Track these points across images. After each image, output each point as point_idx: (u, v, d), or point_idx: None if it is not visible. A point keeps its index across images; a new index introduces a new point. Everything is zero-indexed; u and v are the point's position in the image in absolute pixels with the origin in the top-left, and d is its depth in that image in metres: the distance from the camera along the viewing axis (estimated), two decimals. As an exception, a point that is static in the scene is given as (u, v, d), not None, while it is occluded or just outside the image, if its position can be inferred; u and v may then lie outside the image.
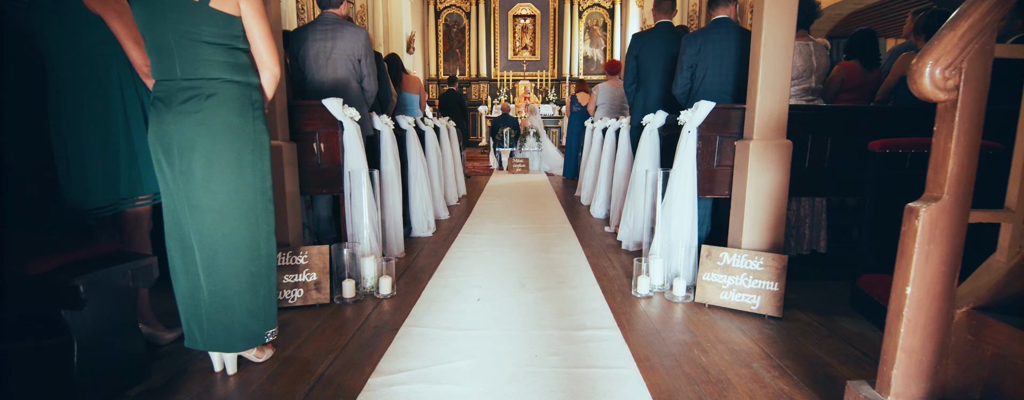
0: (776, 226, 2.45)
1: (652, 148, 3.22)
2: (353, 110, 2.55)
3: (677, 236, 2.62)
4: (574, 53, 13.29)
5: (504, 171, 8.79)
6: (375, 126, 3.10)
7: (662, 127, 3.20)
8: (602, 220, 4.50)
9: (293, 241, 2.50)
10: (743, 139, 2.49)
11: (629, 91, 3.62)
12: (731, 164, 2.60)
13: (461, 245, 3.57)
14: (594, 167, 5.17)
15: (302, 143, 2.57)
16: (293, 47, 2.83)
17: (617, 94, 5.51)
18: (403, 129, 3.75)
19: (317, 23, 2.80)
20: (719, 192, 2.65)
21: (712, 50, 2.82)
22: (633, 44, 3.48)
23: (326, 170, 2.59)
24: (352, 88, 2.85)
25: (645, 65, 3.46)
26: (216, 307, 1.62)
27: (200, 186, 1.56)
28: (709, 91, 2.87)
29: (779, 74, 2.37)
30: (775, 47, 2.35)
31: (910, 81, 1.11)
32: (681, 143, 2.58)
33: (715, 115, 2.55)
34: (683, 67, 2.91)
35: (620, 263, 3.15)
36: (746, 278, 2.36)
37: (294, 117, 2.55)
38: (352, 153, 2.57)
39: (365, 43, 2.82)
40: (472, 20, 13.22)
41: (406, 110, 4.91)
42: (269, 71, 1.71)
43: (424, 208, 3.85)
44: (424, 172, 3.83)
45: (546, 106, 12.59)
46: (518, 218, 4.57)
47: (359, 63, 2.85)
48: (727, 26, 2.83)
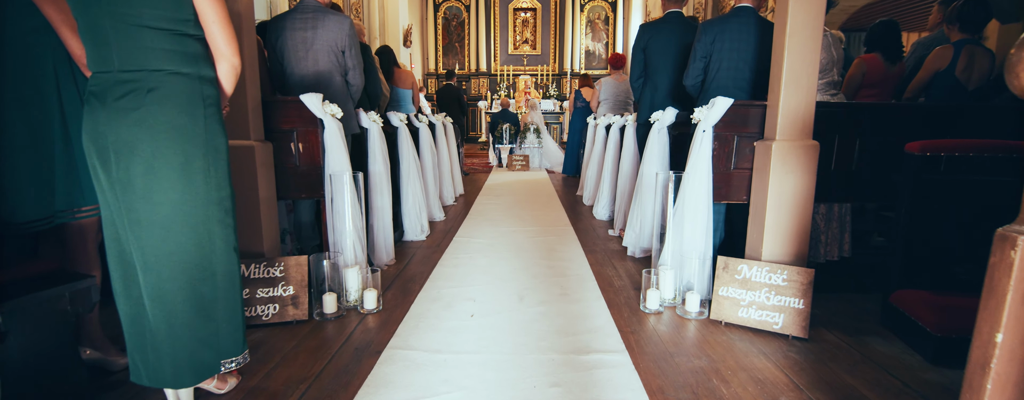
0: (800, 236, 2.22)
1: (661, 148, 2.99)
2: (334, 107, 2.32)
3: (690, 245, 2.39)
4: (575, 47, 13.03)
5: (503, 168, 8.56)
6: (362, 124, 2.87)
7: (672, 125, 2.96)
8: (606, 222, 4.27)
9: (269, 251, 2.27)
10: (764, 140, 2.26)
11: (635, 86, 3.38)
12: (750, 167, 2.37)
13: (456, 250, 3.35)
14: (597, 166, 4.93)
15: (279, 143, 2.34)
16: (271, 38, 2.59)
17: (621, 89, 5.27)
18: (394, 126, 3.52)
19: (296, 11, 2.56)
20: (736, 197, 2.42)
21: (730, 40, 2.58)
22: (641, 35, 3.24)
23: (305, 172, 2.36)
24: (336, 82, 2.62)
25: (654, 58, 3.22)
26: (161, 336, 1.39)
27: (140, 197, 1.34)
28: (723, 85, 2.63)
29: (805, 67, 2.13)
30: (802, 37, 2.11)
31: (1010, 76, 0.88)
32: (695, 143, 2.35)
33: (732, 113, 2.32)
34: (697, 56, 2.67)
35: (626, 271, 2.93)
36: (767, 294, 2.13)
37: (270, 114, 2.32)
38: (334, 154, 2.34)
39: (349, 33, 2.58)
40: (472, 13, 12.96)
41: (399, 106, 4.67)
42: (227, 62, 1.48)
43: (417, 210, 3.62)
44: (417, 172, 3.60)
45: (547, 101, 12.35)
46: (517, 220, 4.34)
47: (343, 55, 2.61)
48: (748, 16, 2.59)
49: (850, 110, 2.41)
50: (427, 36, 13.00)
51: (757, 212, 2.28)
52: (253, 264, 2.19)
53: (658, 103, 3.25)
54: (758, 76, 2.65)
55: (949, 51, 2.77)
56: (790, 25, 2.11)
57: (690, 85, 2.76)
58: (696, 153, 2.34)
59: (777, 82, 2.17)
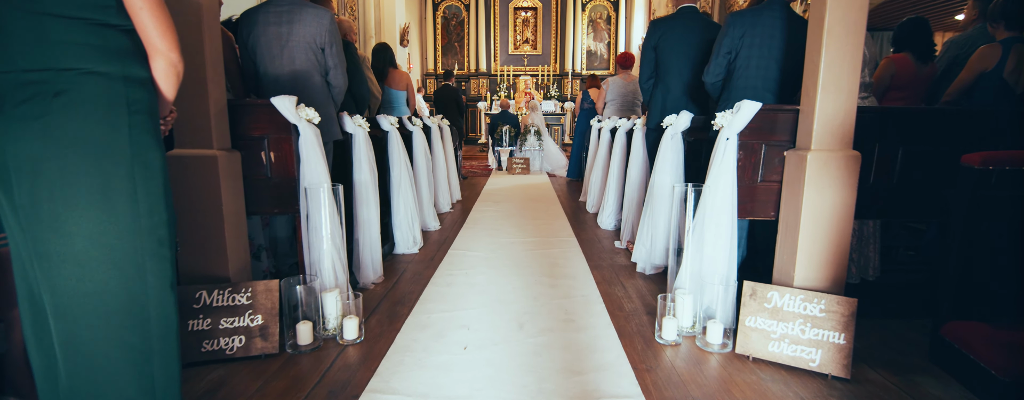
0: (838, 259, 1.96)
1: (675, 155, 2.73)
2: (311, 111, 2.05)
3: (711, 267, 2.12)
4: (577, 47, 12.79)
5: (503, 171, 8.29)
6: (345, 128, 2.61)
7: (687, 130, 2.70)
8: (611, 233, 4.01)
9: (235, 275, 2.01)
10: (796, 149, 1.99)
11: (645, 87, 3.12)
12: (779, 179, 2.10)
13: (450, 266, 3.08)
14: (601, 172, 4.67)
15: (248, 151, 2.08)
16: (242, 33, 2.33)
17: (629, 90, 5.00)
18: (385, 131, 3.25)
19: (270, 3, 2.30)
20: (762, 213, 2.15)
21: (759, 36, 2.32)
22: (652, 32, 2.97)
23: (277, 185, 2.10)
24: (314, 83, 2.35)
25: (666, 57, 2.96)
26: (78, 396, 1.13)
27: (47, 227, 1.07)
28: (749, 85, 2.37)
29: (846, 68, 1.87)
30: (842, 32, 1.85)
31: None
32: (717, 152, 2.08)
33: (760, 118, 2.05)
34: (721, 51, 2.40)
35: (636, 291, 2.66)
36: (802, 326, 1.86)
37: (237, 120, 2.05)
38: (310, 164, 2.07)
39: (329, 28, 2.32)
40: (471, 12, 12.72)
41: (392, 108, 4.41)
42: (163, 58, 1.22)
43: (409, 221, 3.36)
44: (409, 180, 3.33)
45: (548, 102, 12.09)
46: (517, 229, 4.08)
47: (322, 53, 2.35)
48: (780, 10, 2.32)
49: (891, 115, 2.14)
50: (426, 36, 12.76)
51: (788, 231, 2.01)
52: (217, 290, 1.92)
53: (670, 106, 2.99)
54: (786, 76, 2.38)
55: (996, 50, 2.51)
56: (829, 19, 1.84)
57: (711, 83, 2.50)
58: (718, 163, 2.07)
59: (813, 84, 1.91)
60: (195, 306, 1.91)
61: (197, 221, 1.94)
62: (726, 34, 2.38)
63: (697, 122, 2.70)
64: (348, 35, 3.59)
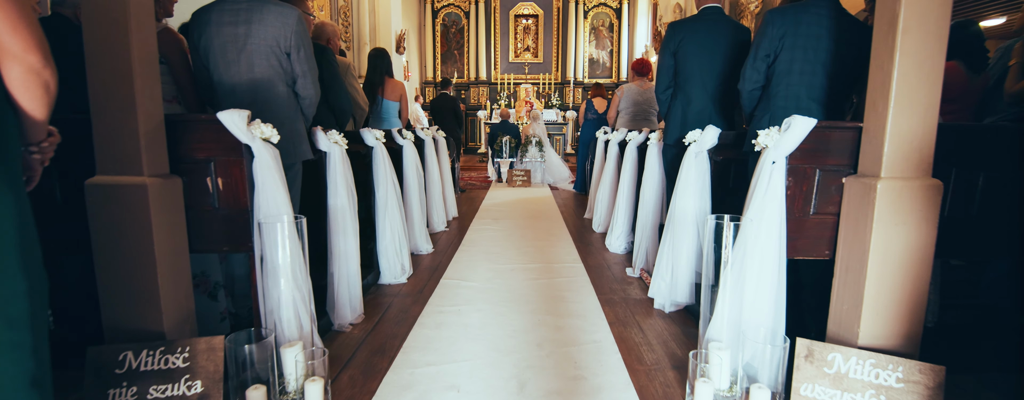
0: (914, 312, 1.58)
1: (699, 177, 2.36)
2: (267, 127, 1.69)
3: (753, 316, 1.75)
4: (579, 55, 12.50)
5: (503, 184, 7.93)
6: (319, 146, 2.25)
7: (714, 148, 2.34)
8: (622, 257, 3.64)
9: (172, 329, 1.64)
10: (859, 176, 1.63)
11: (663, 98, 2.76)
12: (835, 211, 1.73)
13: (442, 300, 2.71)
14: (609, 188, 4.30)
15: (192, 177, 1.71)
16: (193, 35, 1.97)
17: (644, 99, 4.64)
18: (369, 146, 2.89)
19: (226, 1, 1.94)
20: (814, 252, 1.78)
21: (803, 36, 1.97)
22: (671, 35, 2.62)
23: (227, 218, 1.73)
24: (278, 94, 1.99)
25: (687, 63, 2.60)
26: None
27: None
28: (791, 95, 2.02)
29: (927, 77, 1.51)
30: (921, 31, 1.49)
31: None
32: (760, 178, 1.72)
33: (813, 137, 1.69)
34: (758, 54, 2.05)
35: (657, 336, 2.28)
36: (873, 398, 1.49)
37: (179, 139, 1.69)
38: (266, 191, 1.71)
39: (296, 29, 1.97)
40: (471, 20, 12.45)
41: (383, 120, 4.06)
42: (18, 63, 0.87)
43: (396, 247, 2.99)
44: (397, 201, 2.97)
45: (549, 111, 11.77)
46: (517, 252, 3.70)
47: (288, 58, 1.99)
48: (827, 5, 1.97)
49: (971, 135, 1.78)
50: (425, 43, 12.49)
51: (850, 276, 1.64)
52: (146, 350, 1.55)
53: (692, 119, 2.63)
54: (833, 85, 2.02)
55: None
56: (904, 15, 1.48)
57: (747, 92, 2.14)
58: (762, 192, 1.70)
59: (882, 97, 1.54)
60: (118, 371, 1.54)
61: (123, 264, 1.57)
62: (764, 34, 2.03)
63: (726, 138, 2.34)
64: (331, 41, 3.25)
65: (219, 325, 2.19)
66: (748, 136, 2.12)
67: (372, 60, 3.93)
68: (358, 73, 3.25)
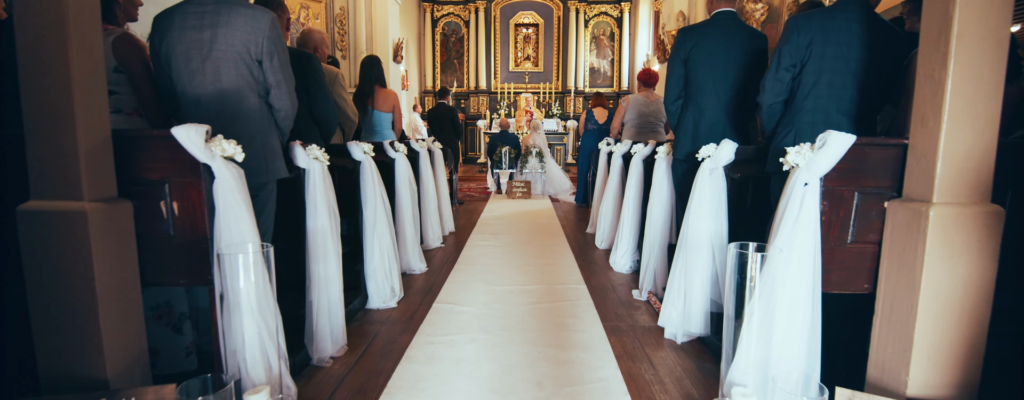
0: (972, 357, 1.37)
1: (714, 196, 2.16)
2: (229, 145, 1.49)
3: (782, 359, 1.54)
4: (579, 64, 12.37)
5: (503, 195, 7.73)
6: (298, 162, 2.04)
7: (731, 165, 2.13)
8: (627, 277, 3.42)
9: (117, 376, 1.42)
10: (905, 200, 1.43)
11: (672, 109, 2.56)
12: (877, 240, 1.53)
13: (433, 328, 2.49)
14: (613, 203, 4.09)
15: (144, 200, 1.51)
16: (154, 42, 1.78)
17: (651, 110, 4.45)
18: (357, 160, 2.69)
19: (190, 2, 1.75)
20: (852, 286, 1.57)
21: (832, 43, 1.78)
22: (681, 42, 2.43)
23: (183, 247, 1.53)
24: (248, 106, 1.80)
25: (699, 72, 2.41)
26: None
27: None
28: (818, 108, 1.82)
29: (986, 88, 1.32)
30: (978, 36, 1.30)
31: None
32: (790, 202, 1.51)
33: (850, 156, 1.49)
34: (782, 64, 1.86)
35: (670, 372, 2.07)
36: (932, 462, 1.27)
37: (129, 157, 1.49)
38: (228, 217, 1.50)
39: (269, 34, 1.77)
40: (471, 29, 12.35)
41: (375, 132, 3.87)
42: None
43: (386, 269, 2.78)
44: (387, 219, 2.76)
45: (549, 121, 11.61)
46: (516, 271, 3.49)
47: (259, 66, 1.80)
48: (858, 10, 1.78)
49: None
50: (424, 52, 12.39)
51: (895, 315, 1.43)
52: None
53: (704, 132, 2.44)
54: (864, 97, 1.83)
55: None
56: (959, 19, 1.29)
57: (769, 105, 1.95)
58: (793, 217, 1.50)
59: (933, 111, 1.34)
60: (49, 428, 1.32)
61: (60, 302, 1.37)
62: (787, 41, 1.84)
63: (743, 154, 2.14)
64: (318, 49, 3.07)
65: (184, 361, 1.98)
66: (771, 153, 1.92)
67: (363, 68, 3.75)
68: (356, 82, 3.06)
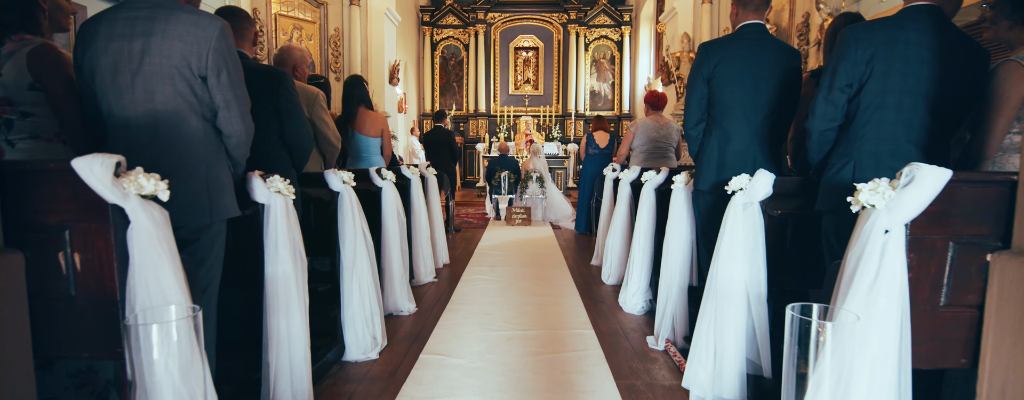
0: None
1: (751, 236, 1.83)
2: (149, 179, 1.17)
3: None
4: (580, 88, 12.22)
5: (502, 221, 7.39)
6: (256, 197, 1.72)
7: (769, 199, 1.81)
8: (640, 320, 3.06)
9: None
10: (1015, 252, 1.10)
11: (693, 134, 2.26)
12: (977, 303, 1.19)
13: (417, 389, 2.13)
14: (622, 234, 3.76)
15: (38, 251, 1.18)
16: (77, 52, 1.48)
17: (661, 134, 4.16)
18: (335, 191, 2.37)
19: (122, 7, 1.45)
20: (947, 359, 1.23)
21: (901, 60, 1.48)
22: (703, 58, 2.13)
23: (87, 309, 1.19)
24: (189, 130, 1.48)
25: (724, 92, 2.11)
26: None
27: None
28: (883, 136, 1.52)
29: None
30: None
31: None
32: (867, 254, 1.18)
33: (943, 196, 1.16)
34: (836, 83, 1.56)
35: (701, 452, 1.70)
36: None
37: (21, 196, 1.17)
38: (145, 272, 1.17)
39: (216, 44, 1.47)
40: (471, 52, 12.25)
41: (361, 159, 3.57)
42: None
43: (366, 316, 2.43)
44: (368, 259, 2.43)
45: (550, 144, 11.37)
46: (515, 312, 3.13)
47: (203, 83, 1.49)
48: (928, 21, 1.49)
49: None
50: (423, 75, 12.26)
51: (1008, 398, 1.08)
52: None
53: (731, 161, 2.12)
54: (938, 123, 1.52)
55: None
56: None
57: (818, 133, 1.64)
58: (871, 274, 1.16)
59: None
60: None
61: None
62: (843, 56, 1.54)
63: (782, 187, 1.81)
64: (298, 67, 2.79)
65: (110, 439, 1.62)
66: (822, 188, 1.60)
67: (346, 89, 3.46)
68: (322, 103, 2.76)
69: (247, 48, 2.08)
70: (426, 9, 11.91)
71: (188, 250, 1.47)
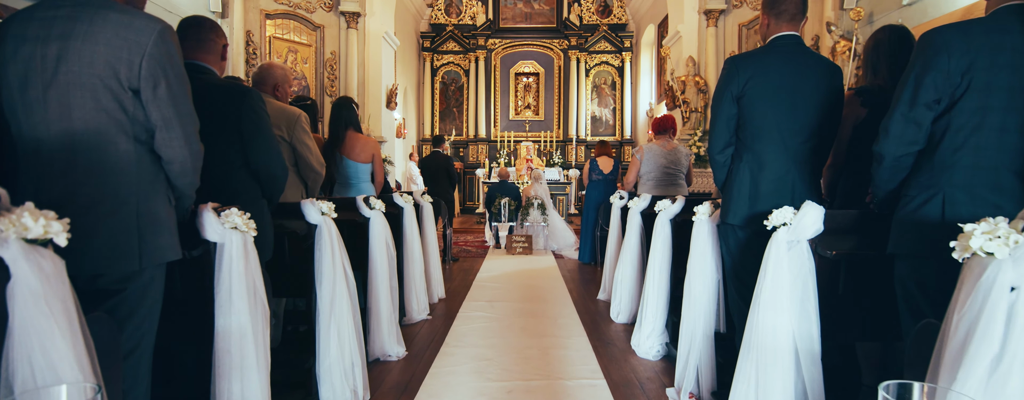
0: None
1: (798, 281, 1.53)
2: (37, 220, 0.89)
3: None
4: (581, 113, 12.11)
5: (502, 250, 7.09)
6: (207, 235, 1.44)
7: (819, 237, 1.52)
8: (656, 367, 2.74)
9: None
10: None
11: (719, 160, 1.98)
12: None
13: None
14: (632, 269, 3.46)
15: None
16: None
17: (670, 160, 3.89)
18: (313, 224, 2.09)
19: (39, 6, 1.20)
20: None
21: (1007, 72, 1.22)
22: (732, 74, 1.87)
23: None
24: (116, 156, 1.20)
25: (755, 112, 1.84)
26: None
27: None
28: (982, 164, 1.25)
29: None
30: None
31: None
32: (982, 317, 0.89)
33: (1085, 241, 0.88)
34: (919, 99, 1.30)
35: None
36: None
37: None
38: (30, 341, 0.88)
39: (152, 51, 1.21)
40: (471, 77, 12.18)
41: (349, 186, 3.30)
42: None
43: (345, 367, 2.11)
44: (349, 303, 2.13)
45: (551, 170, 11.16)
46: (516, 358, 2.81)
47: (135, 97, 1.23)
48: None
49: None
50: (423, 100, 12.17)
51: None
52: None
53: (766, 191, 1.84)
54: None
55: None
56: None
57: (893, 158, 1.36)
58: (994, 345, 0.87)
59: None
60: None
61: None
62: (930, 66, 1.28)
63: (833, 222, 1.53)
64: (280, 87, 2.56)
65: None
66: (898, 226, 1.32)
67: (334, 111, 3.22)
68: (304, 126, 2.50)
69: (214, 62, 1.83)
70: (427, 35, 11.89)
71: (110, 304, 1.18)
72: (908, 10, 4.47)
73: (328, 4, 6.79)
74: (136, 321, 1.24)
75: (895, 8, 4.63)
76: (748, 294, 1.89)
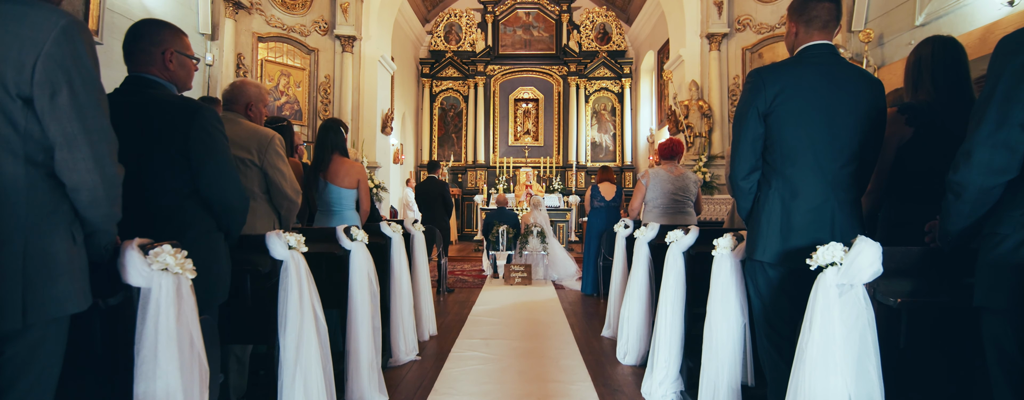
0: None
1: (854, 334, 1.26)
2: None
3: None
4: (581, 139, 11.98)
5: (500, 280, 6.78)
6: (130, 280, 1.17)
7: (876, 283, 1.25)
8: (671, 419, 2.42)
9: None
10: None
11: (743, 187, 1.72)
12: None
13: None
14: (641, 305, 3.16)
15: None
16: None
17: (678, 187, 3.64)
18: (278, 260, 1.82)
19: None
20: None
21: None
22: (758, 88, 1.62)
23: None
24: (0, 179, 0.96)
25: (785, 131, 1.60)
26: None
27: None
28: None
29: None
30: None
31: None
32: None
33: None
34: (1009, 119, 1.05)
35: None
36: None
37: None
38: None
39: (51, 50, 0.96)
40: (470, 103, 12.09)
41: (332, 215, 3.04)
42: None
43: (312, 427, 1.80)
44: (318, 350, 1.85)
45: (551, 196, 10.93)
46: (514, 409, 2.50)
47: (27, 107, 0.98)
48: None
49: None
50: (421, 126, 12.06)
51: None
52: None
53: (800, 223, 1.58)
54: None
55: None
56: None
57: (978, 189, 1.11)
58: None
59: None
60: None
61: None
62: (1023, 79, 1.03)
63: (897, 262, 1.26)
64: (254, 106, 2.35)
65: None
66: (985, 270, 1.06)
67: (320, 134, 2.99)
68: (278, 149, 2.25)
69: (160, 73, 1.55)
70: (426, 61, 11.85)
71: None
72: (921, 31, 4.31)
73: (323, 28, 6.69)
74: (20, 390, 0.96)
75: (907, 29, 4.47)
76: (783, 344, 1.61)
